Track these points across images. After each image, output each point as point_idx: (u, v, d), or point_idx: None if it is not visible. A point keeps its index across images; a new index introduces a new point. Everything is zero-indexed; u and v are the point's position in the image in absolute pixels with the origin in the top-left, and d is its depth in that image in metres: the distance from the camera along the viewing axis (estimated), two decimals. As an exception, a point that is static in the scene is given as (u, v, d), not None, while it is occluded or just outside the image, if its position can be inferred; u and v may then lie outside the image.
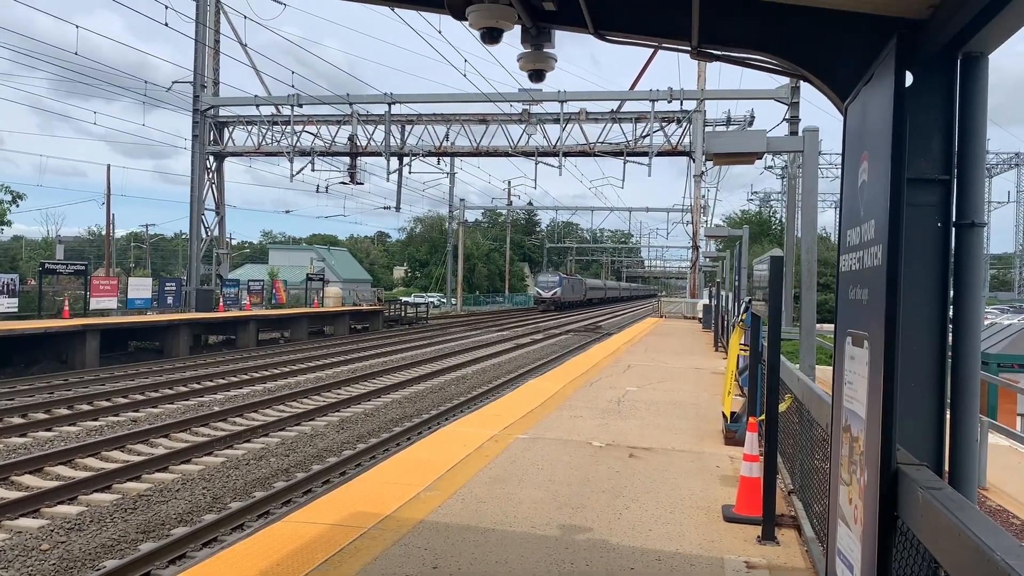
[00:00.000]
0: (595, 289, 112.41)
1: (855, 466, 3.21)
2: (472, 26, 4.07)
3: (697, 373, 18.12)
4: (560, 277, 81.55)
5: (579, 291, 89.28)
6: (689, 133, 36.52)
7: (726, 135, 6.04)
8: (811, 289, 7.79)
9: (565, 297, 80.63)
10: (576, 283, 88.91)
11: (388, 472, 8.12)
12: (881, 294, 2.82)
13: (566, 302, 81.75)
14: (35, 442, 13.24)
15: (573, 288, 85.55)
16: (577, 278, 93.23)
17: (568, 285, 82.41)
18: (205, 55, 38.78)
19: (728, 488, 7.76)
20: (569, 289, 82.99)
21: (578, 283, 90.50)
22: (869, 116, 3.15)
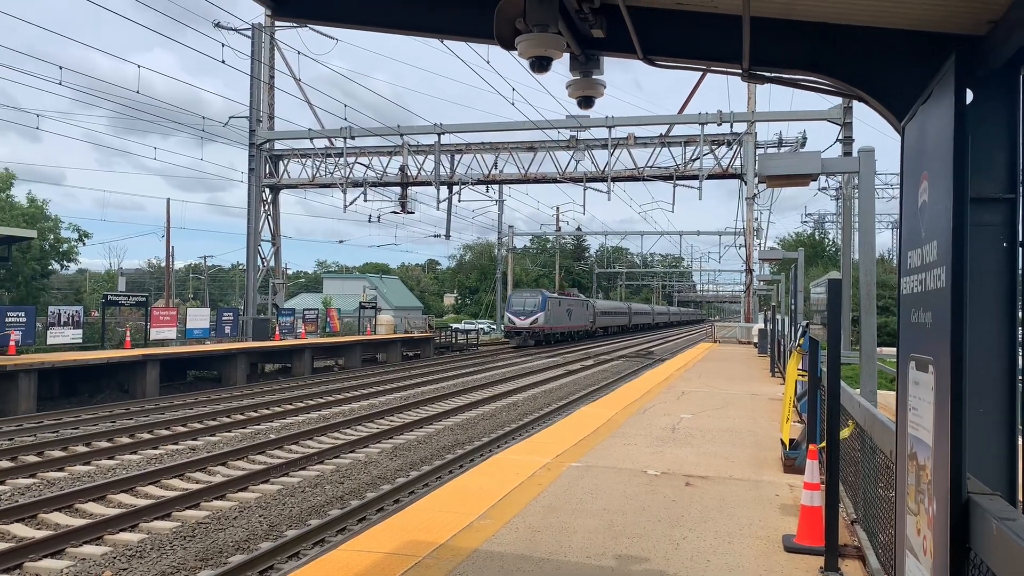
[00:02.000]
0: (641, 314, 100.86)
1: (923, 495, 3.10)
2: (521, 55, 4.10)
3: (753, 399, 17.79)
4: (544, 297, 54.23)
5: (581, 317, 63.77)
6: (740, 155, 36.22)
7: (780, 157, 5.97)
8: (871, 312, 7.61)
9: (553, 326, 55.28)
10: (575, 305, 62.63)
11: (441, 500, 8.11)
12: (946, 317, 2.74)
13: (556, 334, 56.75)
14: (98, 470, 13.55)
15: (569, 312, 60.04)
16: (578, 298, 66.32)
17: (558, 309, 56.86)
18: (261, 91, 39.79)
19: (788, 517, 7.57)
20: (559, 314, 57.26)
21: (579, 305, 64.16)
22: (928, 135, 3.09)
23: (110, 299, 29.15)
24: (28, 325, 24.50)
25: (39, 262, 43.66)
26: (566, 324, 59.50)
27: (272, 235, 41.71)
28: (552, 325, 54.88)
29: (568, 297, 63.37)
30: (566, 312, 59.33)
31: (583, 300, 67.73)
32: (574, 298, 64.98)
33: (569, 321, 60.00)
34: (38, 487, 12.30)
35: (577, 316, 62.77)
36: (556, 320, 56.01)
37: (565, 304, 59.88)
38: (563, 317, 58.12)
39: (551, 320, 54.62)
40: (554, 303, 55.77)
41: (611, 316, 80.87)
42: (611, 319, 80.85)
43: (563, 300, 60.03)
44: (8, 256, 26.93)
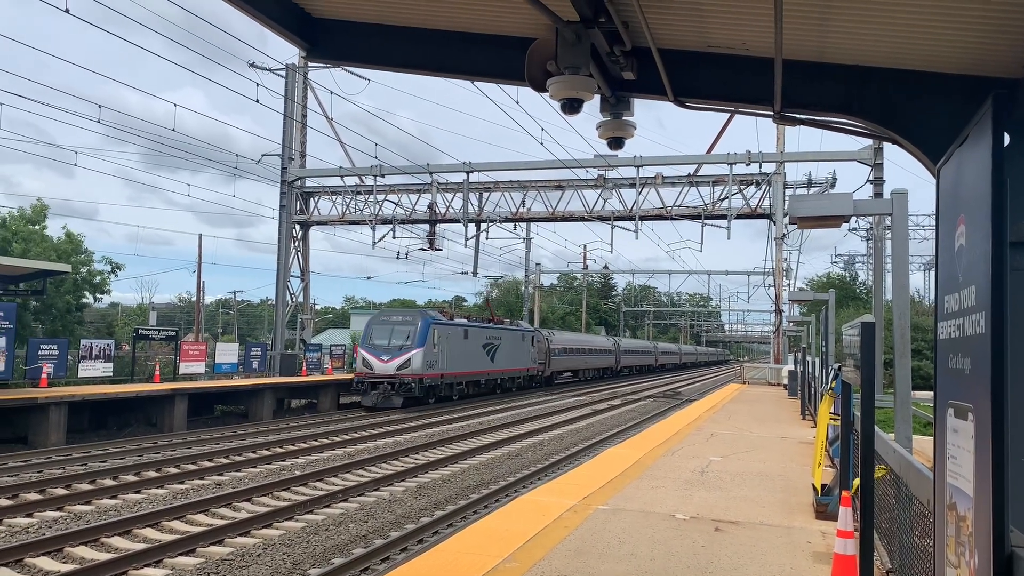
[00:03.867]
0: (669, 354, 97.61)
1: (963, 547, 3.00)
2: (553, 97, 4.13)
3: (784, 443, 17.49)
4: (425, 321, 33.42)
5: (525, 356, 44.18)
6: (769, 195, 36.10)
7: (811, 198, 5.93)
8: (905, 356, 7.48)
9: (447, 371, 34.33)
10: (509, 339, 41.89)
11: (466, 541, 8.02)
12: (986, 363, 2.68)
13: (460, 384, 36.12)
14: (125, 504, 13.60)
15: (492, 350, 39.36)
16: (517, 328, 44.86)
17: (461, 344, 35.91)
18: (293, 129, 40.47)
19: (821, 566, 7.38)
20: (465, 351, 36.25)
21: (516, 339, 43.10)
22: (965, 179, 3.05)
23: (140, 333, 29.52)
24: (60, 358, 24.83)
25: (73, 295, 44.37)
26: (486, 367, 38.39)
27: (301, 271, 42.11)
28: (445, 370, 33.54)
29: (488, 325, 40.10)
30: (483, 349, 37.98)
31: (527, 331, 46.15)
32: (507, 328, 42.32)
33: (492, 363, 38.94)
34: (65, 520, 12.36)
35: (518, 354, 42.78)
36: (456, 361, 34.60)
37: (479, 336, 37.62)
38: (475, 356, 37.05)
39: (443, 362, 33.45)
40: (451, 334, 34.33)
41: (635, 356, 78.13)
42: (636, 359, 77.94)
43: (474, 329, 37.57)
44: (43, 290, 27.39)
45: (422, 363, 32.04)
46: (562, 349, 53.61)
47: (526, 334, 45.65)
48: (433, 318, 34.12)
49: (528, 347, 45.54)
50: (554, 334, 53.52)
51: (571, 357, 56.37)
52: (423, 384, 32.12)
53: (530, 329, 48.04)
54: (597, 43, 3.95)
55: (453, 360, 34.74)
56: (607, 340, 68.92)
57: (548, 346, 49.45)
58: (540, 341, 48.31)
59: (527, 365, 45.45)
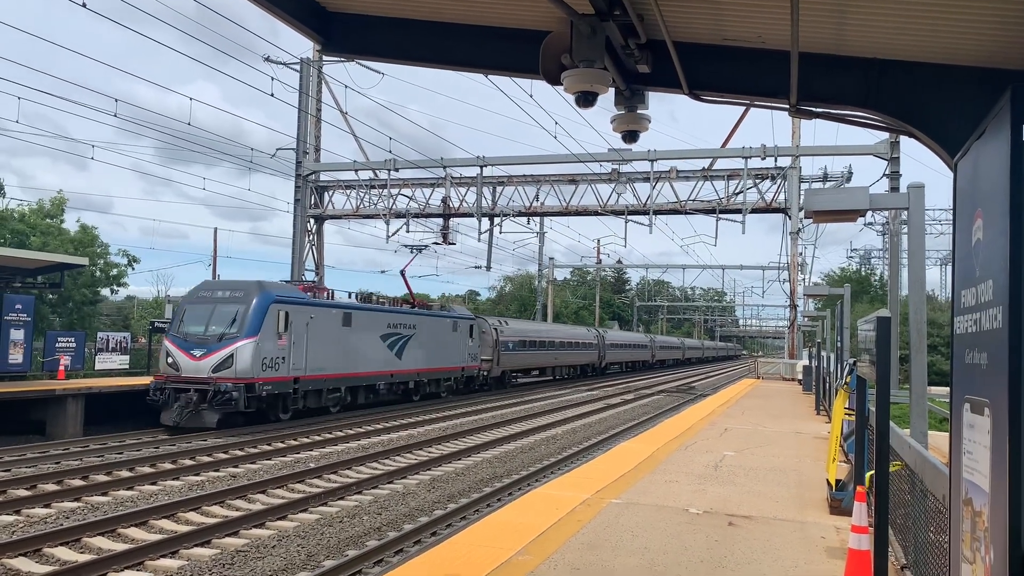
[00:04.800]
0: (669, 349, 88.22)
1: (979, 543, 2.99)
2: (567, 91, 4.12)
3: (798, 438, 17.43)
4: (264, 297, 22.40)
5: (455, 349, 34.44)
6: (784, 190, 35.91)
7: (827, 192, 5.90)
8: (921, 351, 7.43)
9: (297, 371, 23.39)
10: (436, 330, 32.80)
11: (479, 534, 8.04)
12: (1003, 358, 2.66)
13: (320, 393, 24.98)
14: (141, 495, 13.71)
15: (394, 336, 29.28)
16: (449, 314, 35.37)
17: (318, 329, 24.56)
18: (308, 123, 40.58)
19: (835, 561, 7.36)
20: (323, 347, 24.70)
21: (441, 330, 33.36)
22: (983, 172, 3.02)
23: (157, 326, 29.71)
24: (77, 350, 25.07)
25: (90, 288, 44.75)
26: (388, 367, 28.63)
27: (316, 264, 42.28)
28: (305, 371, 23.82)
29: (392, 309, 30.20)
30: (383, 341, 28.46)
31: (463, 318, 35.74)
32: (427, 313, 32.83)
33: (400, 360, 29.37)
34: (82, 511, 12.48)
35: (446, 349, 33.19)
36: (328, 357, 25.05)
37: (373, 323, 28.03)
38: (366, 351, 27.28)
39: (298, 359, 23.54)
40: (315, 319, 24.44)
41: (626, 350, 67.04)
42: (626, 353, 66.98)
43: (363, 313, 27.50)
44: (61, 283, 27.64)
45: (252, 361, 21.50)
46: (519, 342, 42.34)
47: (460, 322, 35.01)
48: (279, 294, 22.99)
49: (463, 339, 35.05)
50: (507, 323, 42.57)
51: (531, 353, 44.63)
52: (254, 393, 21.42)
53: (467, 315, 37.10)
54: (612, 36, 3.94)
55: (321, 356, 24.19)
56: (588, 332, 59.16)
57: (497, 338, 38.68)
58: (486, 332, 38.08)
59: (461, 363, 34.91)
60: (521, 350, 43.30)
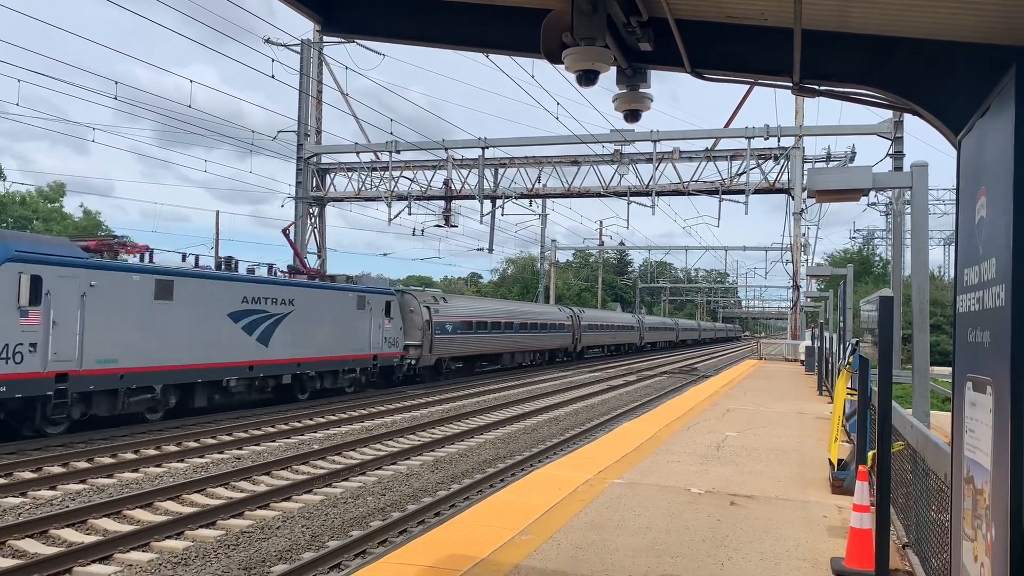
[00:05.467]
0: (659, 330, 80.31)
1: (980, 520, 3.00)
2: (568, 69, 4.10)
3: (800, 418, 17.48)
4: None
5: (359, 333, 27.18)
6: (787, 170, 35.80)
7: (829, 171, 5.87)
8: (923, 331, 7.43)
9: (65, 365, 16.45)
10: (330, 307, 25.72)
11: (482, 514, 8.09)
12: (1005, 336, 2.66)
13: (116, 395, 17.97)
14: (146, 477, 13.79)
15: (255, 315, 22.11)
16: (355, 287, 27.85)
17: (104, 304, 17.58)
18: (309, 105, 40.44)
19: (836, 540, 7.40)
20: (120, 329, 17.89)
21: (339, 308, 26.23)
22: (987, 150, 3.01)
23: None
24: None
25: (93, 272, 44.84)
26: (245, 356, 21.92)
27: (318, 247, 42.27)
28: (83, 364, 17.18)
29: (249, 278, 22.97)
30: (234, 321, 21.67)
31: (378, 293, 28.94)
32: (318, 285, 26.13)
33: (267, 348, 22.70)
34: (87, 493, 12.55)
35: (346, 332, 26.62)
36: (129, 344, 18.41)
37: (217, 295, 21.15)
38: (204, 335, 20.57)
39: (66, 346, 16.83)
40: (99, 287, 17.78)
41: (607, 332, 60.15)
42: (607, 336, 60.03)
43: (198, 282, 20.69)
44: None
45: None
46: (461, 323, 34.71)
47: (371, 297, 27.89)
48: (22, 249, 16.37)
49: (376, 319, 28.04)
50: (444, 300, 34.75)
51: (479, 336, 36.90)
52: None
53: (382, 289, 29.56)
54: (613, 13, 3.91)
55: (111, 341, 17.97)
56: (559, 311, 51.01)
57: (430, 318, 31.61)
58: (414, 310, 31.11)
59: (373, 349, 27.98)
60: (464, 333, 35.35)
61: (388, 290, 30.32)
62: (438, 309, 33.14)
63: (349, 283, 28.28)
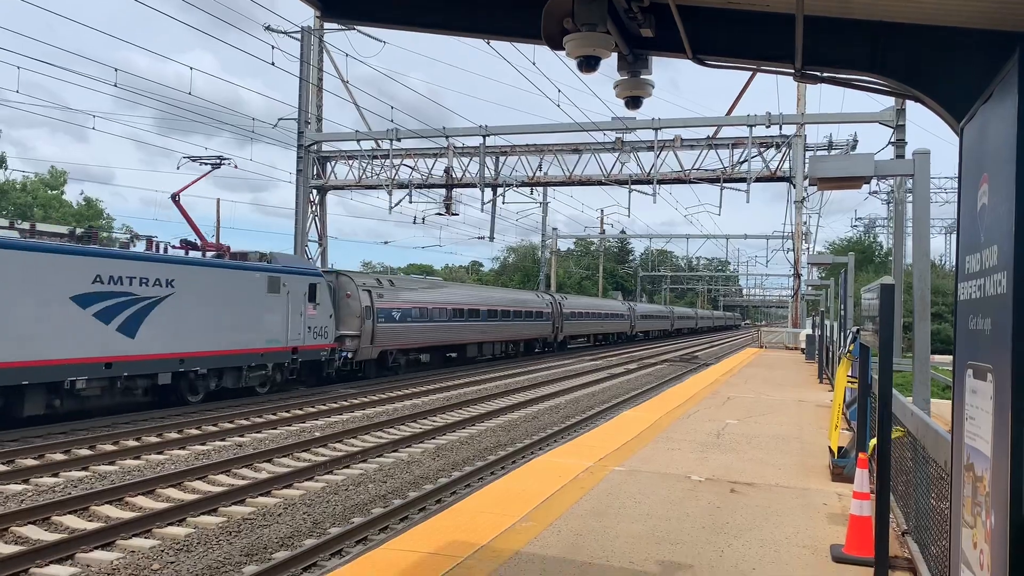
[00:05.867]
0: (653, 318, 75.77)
1: (980, 508, 3.00)
2: (569, 55, 4.08)
3: (800, 406, 17.50)
4: None
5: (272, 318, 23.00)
6: (789, 158, 35.71)
7: (831, 159, 5.85)
8: (924, 319, 7.42)
9: None
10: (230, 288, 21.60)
11: (483, 501, 8.11)
12: (1006, 324, 2.65)
13: None
14: (148, 464, 13.83)
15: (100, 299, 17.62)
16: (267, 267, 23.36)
17: None
18: (309, 93, 40.32)
19: (836, 527, 7.42)
20: None
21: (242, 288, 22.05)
22: (989, 136, 2.99)
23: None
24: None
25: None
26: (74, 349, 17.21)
27: (319, 235, 42.23)
28: None
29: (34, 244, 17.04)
30: (77, 304, 17.31)
31: (301, 273, 25.13)
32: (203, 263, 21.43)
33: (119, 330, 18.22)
34: (90, 480, 12.59)
35: (252, 316, 22.49)
36: None
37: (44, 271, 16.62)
38: None
39: None
40: None
41: (593, 320, 55.74)
42: (594, 324, 55.66)
43: None
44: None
45: None
46: (409, 311, 30.85)
47: (288, 278, 23.72)
48: None
49: (295, 305, 23.96)
50: (390, 284, 30.68)
51: (433, 325, 33.04)
52: None
53: (304, 269, 25.57)
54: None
55: None
56: (538, 298, 46.96)
57: (371, 304, 27.83)
58: (351, 295, 27.53)
59: (291, 342, 23.87)
60: (418, 321, 31.39)
61: (311, 270, 26.07)
62: (382, 294, 29.21)
63: (264, 261, 23.70)
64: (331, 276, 27.52)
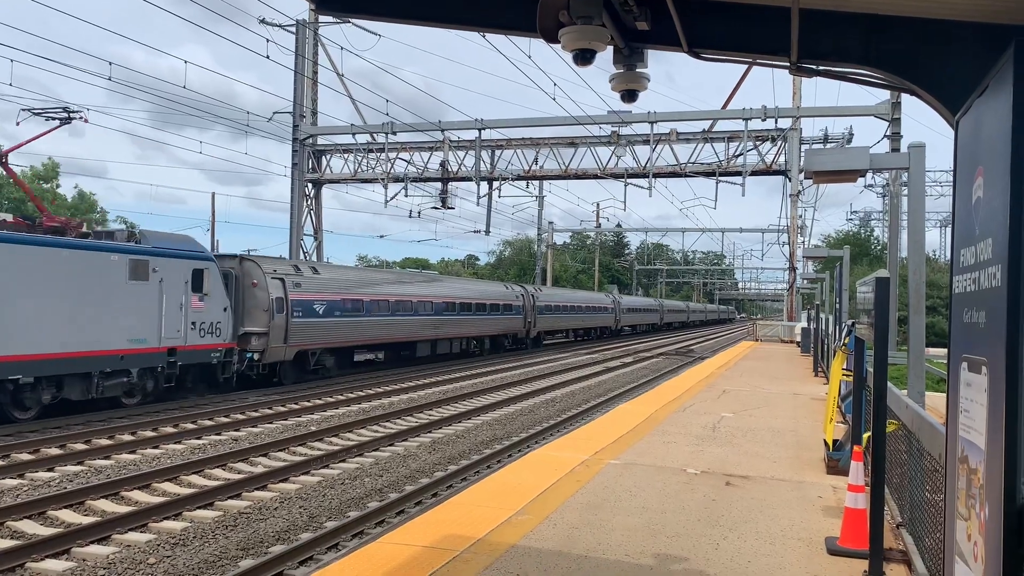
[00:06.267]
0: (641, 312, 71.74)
1: (974, 500, 3.01)
2: (565, 48, 4.07)
3: (795, 399, 17.54)
4: None
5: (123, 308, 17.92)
6: (784, 151, 35.73)
7: (826, 152, 5.86)
8: (919, 312, 7.44)
9: None
10: None
11: (479, 495, 8.12)
12: (1001, 317, 2.66)
13: None
14: (144, 459, 13.82)
15: None
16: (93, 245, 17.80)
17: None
18: (304, 86, 40.21)
19: (831, 519, 7.44)
20: None
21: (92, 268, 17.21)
22: (984, 129, 2.99)
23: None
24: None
25: (89, 254, 44.71)
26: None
27: (314, 229, 42.18)
28: None
29: None
30: None
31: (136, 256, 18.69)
32: None
33: None
34: (86, 474, 12.58)
35: (73, 312, 16.91)
36: None
37: None
38: None
39: None
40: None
41: (572, 315, 50.19)
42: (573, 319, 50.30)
43: None
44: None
45: None
46: (340, 303, 26.54)
47: (164, 263, 19.42)
48: None
49: (169, 296, 19.59)
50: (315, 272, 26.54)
51: (365, 321, 27.89)
52: None
53: (189, 253, 20.70)
54: (610, -8, 3.89)
55: None
56: (506, 290, 42.02)
57: (283, 295, 23.62)
58: (257, 283, 23.16)
59: (168, 341, 19.58)
60: (345, 316, 26.76)
61: (196, 253, 20.92)
62: (300, 283, 24.61)
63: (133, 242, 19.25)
64: (232, 261, 23.02)
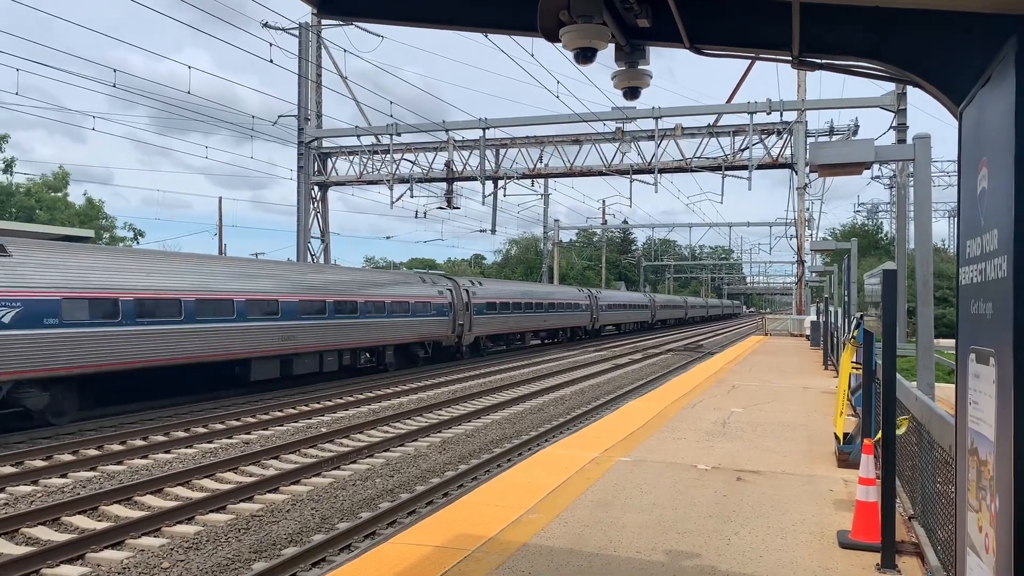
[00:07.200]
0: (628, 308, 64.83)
1: (984, 491, 3.01)
2: (566, 47, 4.07)
3: (805, 393, 17.50)
4: None
5: None
6: (790, 144, 35.62)
7: (832, 145, 5.84)
8: (927, 304, 7.42)
9: None
10: None
11: (490, 494, 8.13)
12: (1008, 308, 2.65)
13: None
14: (156, 463, 13.88)
15: None
16: None
17: None
18: (308, 89, 40.28)
19: (843, 513, 7.43)
20: None
21: None
22: (988, 120, 2.98)
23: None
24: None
25: (97, 261, 44.89)
26: None
27: (321, 232, 42.25)
28: None
29: None
30: None
31: None
32: None
33: None
34: (98, 480, 12.65)
35: None
36: None
37: None
38: None
39: None
40: None
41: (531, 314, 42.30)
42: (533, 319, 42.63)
43: None
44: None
45: None
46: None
47: None
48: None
49: None
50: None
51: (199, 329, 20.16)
52: None
53: None
54: (610, -10, 3.88)
55: None
56: (428, 286, 31.32)
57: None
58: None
59: None
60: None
61: None
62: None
63: None
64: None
